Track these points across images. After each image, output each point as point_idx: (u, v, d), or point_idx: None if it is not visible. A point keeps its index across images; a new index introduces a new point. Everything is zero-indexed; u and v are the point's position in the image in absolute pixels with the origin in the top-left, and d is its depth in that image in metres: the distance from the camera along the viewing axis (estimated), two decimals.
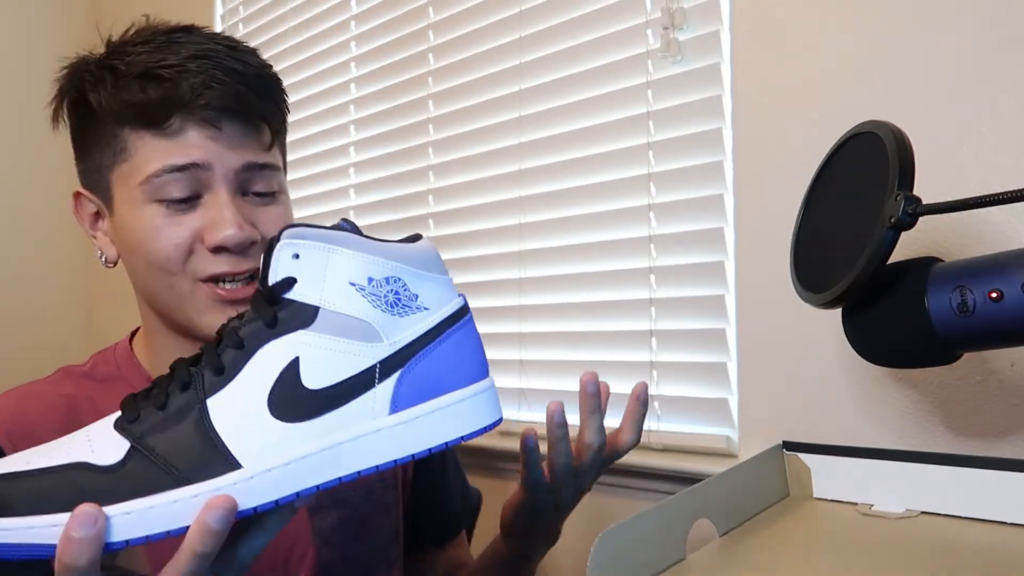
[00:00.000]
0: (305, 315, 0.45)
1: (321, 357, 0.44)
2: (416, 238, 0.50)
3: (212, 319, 0.65)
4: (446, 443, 0.46)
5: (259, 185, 0.67)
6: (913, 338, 0.53)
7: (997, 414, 0.73)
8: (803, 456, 0.69)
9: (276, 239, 0.46)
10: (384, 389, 0.45)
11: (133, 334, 0.76)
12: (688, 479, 0.90)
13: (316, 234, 0.46)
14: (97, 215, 0.70)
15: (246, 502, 0.42)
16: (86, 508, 0.39)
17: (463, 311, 0.49)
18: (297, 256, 0.45)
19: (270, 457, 0.43)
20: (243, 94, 0.64)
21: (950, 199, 0.49)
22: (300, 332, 0.44)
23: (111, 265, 0.70)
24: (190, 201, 0.63)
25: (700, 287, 0.97)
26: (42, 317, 2.07)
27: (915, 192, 0.51)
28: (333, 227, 0.48)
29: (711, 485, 0.60)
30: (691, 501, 0.57)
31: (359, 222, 1.47)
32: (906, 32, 0.79)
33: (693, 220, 0.98)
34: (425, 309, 0.47)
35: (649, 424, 0.93)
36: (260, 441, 0.43)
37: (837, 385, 0.83)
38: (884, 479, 0.63)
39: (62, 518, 0.39)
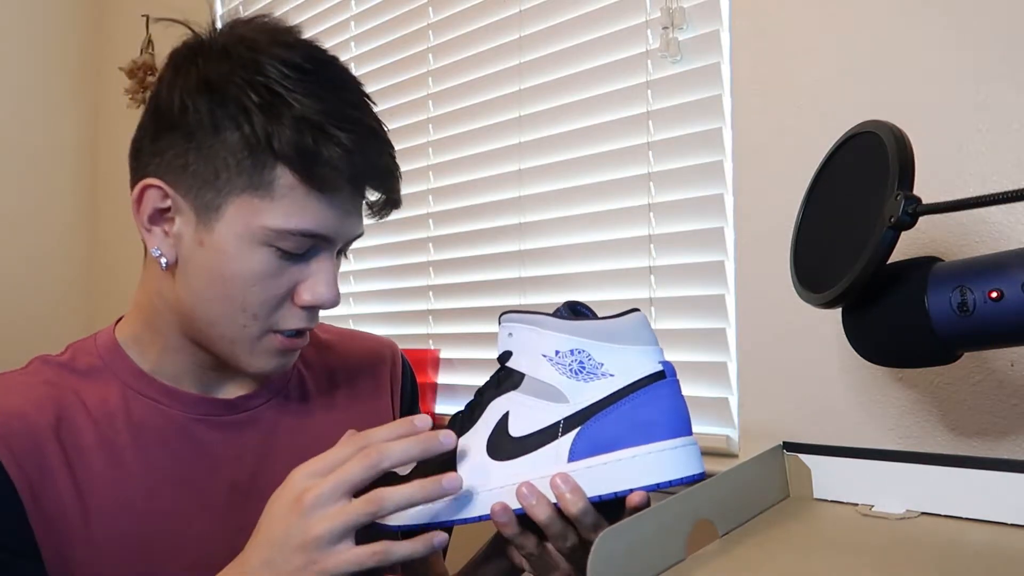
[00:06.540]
0: (515, 379, 0.58)
1: (523, 412, 0.57)
2: (630, 311, 0.57)
3: (264, 363, 0.65)
4: (615, 493, 0.54)
5: (348, 247, 0.68)
6: (913, 338, 0.53)
7: (997, 414, 0.72)
8: (803, 456, 0.68)
9: (499, 321, 0.60)
10: (565, 441, 0.56)
11: (116, 324, 0.71)
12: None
13: (520, 317, 0.59)
14: (164, 212, 0.63)
15: (441, 514, 0.56)
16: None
17: (655, 377, 0.56)
18: (511, 334, 0.59)
19: (473, 480, 0.57)
20: (395, 184, 0.65)
21: (950, 199, 0.49)
22: (512, 392, 0.58)
23: (166, 268, 0.64)
24: (300, 256, 0.63)
25: (700, 287, 0.97)
26: (43, 311, 2.06)
27: (915, 192, 0.51)
28: (550, 313, 0.58)
29: (711, 485, 0.60)
30: (691, 501, 0.57)
31: None
32: (906, 32, 0.79)
33: (693, 220, 0.98)
34: (610, 376, 0.56)
35: None
36: (471, 463, 0.57)
37: (837, 385, 0.83)
38: (884, 479, 0.63)
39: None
